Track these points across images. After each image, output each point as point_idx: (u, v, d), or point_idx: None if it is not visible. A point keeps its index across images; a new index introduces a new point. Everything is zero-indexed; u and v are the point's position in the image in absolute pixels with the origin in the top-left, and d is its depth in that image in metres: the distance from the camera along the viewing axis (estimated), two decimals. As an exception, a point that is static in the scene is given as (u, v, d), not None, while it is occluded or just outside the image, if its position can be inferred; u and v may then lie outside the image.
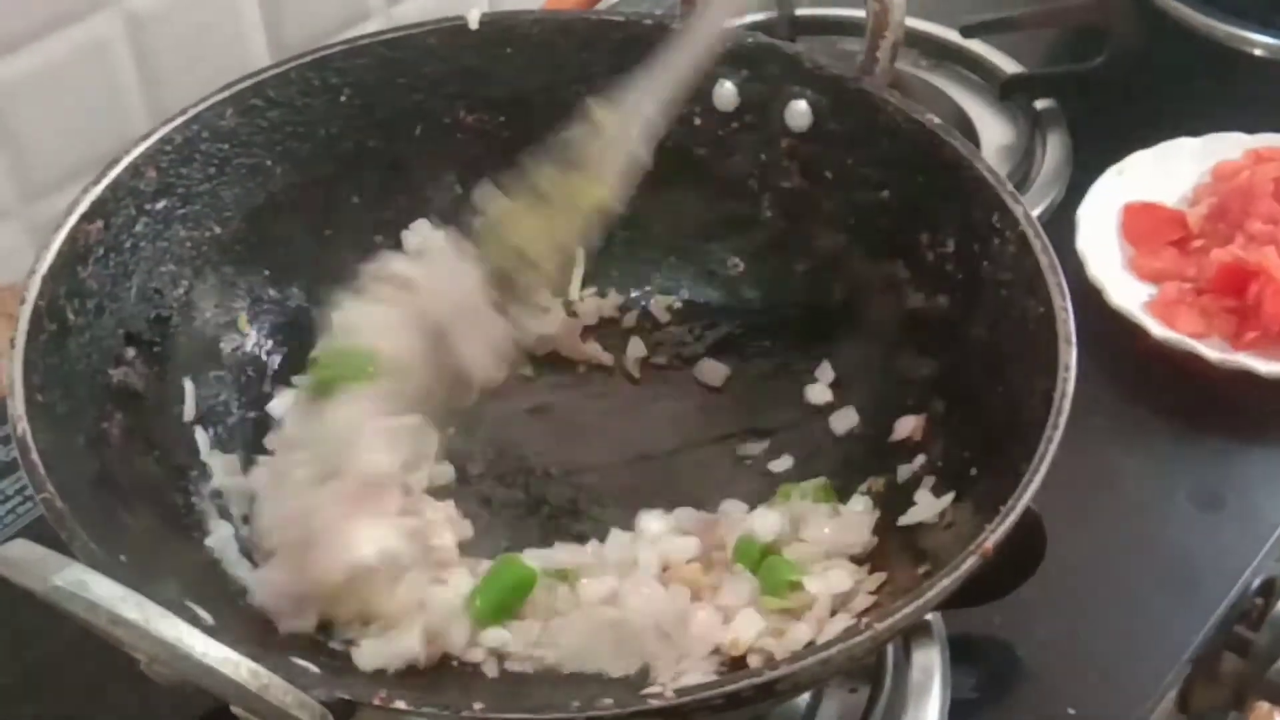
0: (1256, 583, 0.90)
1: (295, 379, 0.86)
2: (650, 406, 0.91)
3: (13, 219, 0.98)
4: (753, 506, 0.82)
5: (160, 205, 0.81)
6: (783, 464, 0.86)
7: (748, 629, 0.74)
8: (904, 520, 0.78)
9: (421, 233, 0.91)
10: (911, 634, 0.82)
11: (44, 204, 0.97)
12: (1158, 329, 1.00)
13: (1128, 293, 1.03)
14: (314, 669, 0.64)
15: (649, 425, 0.90)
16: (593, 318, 0.94)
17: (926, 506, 0.77)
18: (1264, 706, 0.99)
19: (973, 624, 0.83)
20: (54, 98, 0.97)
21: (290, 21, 1.07)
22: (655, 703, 0.58)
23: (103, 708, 0.81)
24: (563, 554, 0.80)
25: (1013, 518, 0.65)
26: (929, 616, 0.82)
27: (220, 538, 0.78)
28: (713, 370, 0.92)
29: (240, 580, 0.77)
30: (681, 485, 0.85)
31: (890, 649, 0.81)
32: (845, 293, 0.88)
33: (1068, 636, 0.86)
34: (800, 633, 0.74)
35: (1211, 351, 0.98)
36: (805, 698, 0.80)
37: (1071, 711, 0.82)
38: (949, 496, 0.76)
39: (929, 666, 0.81)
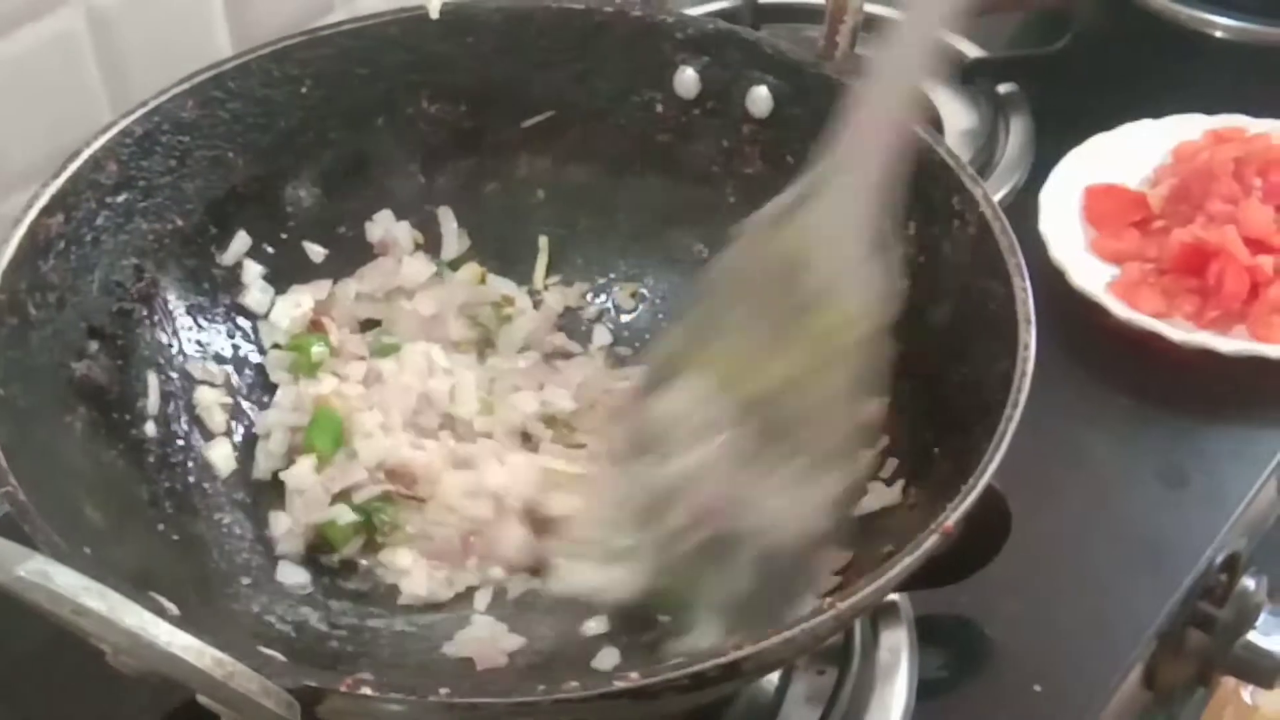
0: (1220, 559, 0.91)
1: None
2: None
3: (-23, 215, 0.97)
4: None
5: (121, 198, 0.81)
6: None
7: None
8: (858, 510, 0.78)
9: (384, 224, 0.92)
10: (879, 615, 0.82)
11: (8, 200, 0.96)
12: (1120, 310, 1.00)
13: (1090, 274, 1.03)
14: (280, 656, 0.64)
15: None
16: (558, 307, 0.94)
17: (877, 497, 0.78)
18: (1229, 682, 0.99)
19: (940, 604, 0.84)
20: (18, 93, 0.96)
21: (254, 14, 1.07)
22: (621, 684, 0.59)
23: (75, 707, 0.81)
24: None
25: (973, 496, 0.66)
26: (896, 597, 0.83)
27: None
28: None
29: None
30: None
31: (858, 630, 0.82)
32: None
33: (1034, 615, 0.86)
34: None
35: (1174, 331, 0.99)
36: (774, 680, 0.80)
37: (1038, 688, 0.83)
38: (899, 485, 0.77)
39: (896, 647, 0.82)
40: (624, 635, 0.77)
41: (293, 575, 0.81)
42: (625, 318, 0.94)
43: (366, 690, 0.58)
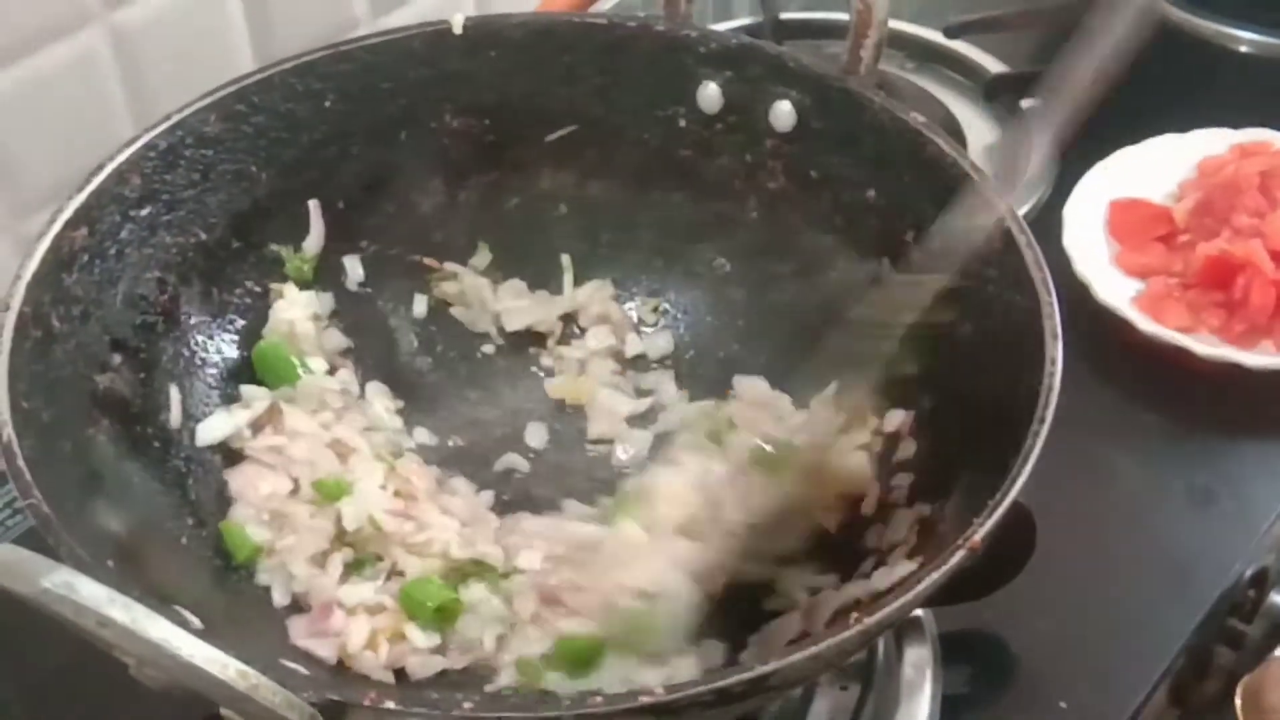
0: (1248, 574, 0.90)
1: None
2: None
3: (1, 234, 0.97)
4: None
5: (145, 211, 0.81)
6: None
7: None
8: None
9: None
10: (903, 631, 0.82)
11: (32, 219, 0.97)
12: (1146, 324, 1.00)
13: (1115, 289, 1.03)
14: (302, 670, 0.64)
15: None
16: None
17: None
18: (1257, 700, 0.99)
19: (965, 620, 0.83)
20: (42, 112, 0.96)
21: (277, 34, 1.07)
22: (646, 699, 0.58)
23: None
24: None
25: (1000, 511, 0.65)
26: (920, 613, 0.83)
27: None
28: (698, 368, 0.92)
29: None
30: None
31: (881, 646, 0.81)
32: (832, 292, 0.88)
33: (1059, 631, 0.86)
34: None
35: (1200, 345, 0.98)
36: (797, 695, 0.80)
37: (1063, 705, 0.82)
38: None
39: (921, 663, 0.81)
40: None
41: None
42: (646, 330, 0.94)
43: (390, 704, 0.58)
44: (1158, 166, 1.12)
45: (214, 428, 0.83)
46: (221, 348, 0.86)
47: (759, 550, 0.78)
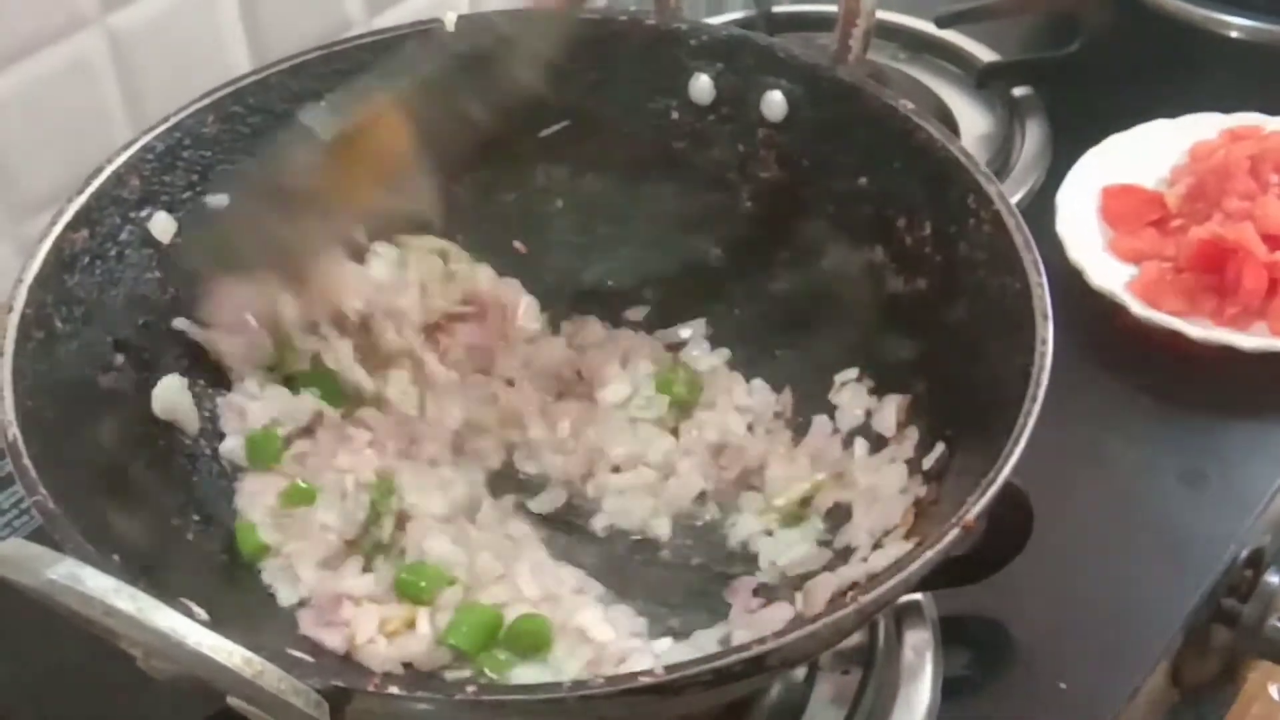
0: (1244, 555, 0.90)
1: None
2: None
3: (1, 238, 0.98)
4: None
5: (145, 213, 0.82)
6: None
7: None
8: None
9: None
10: (903, 615, 0.83)
11: (31, 223, 0.98)
12: (1139, 308, 1.01)
13: (1108, 273, 1.04)
14: (308, 659, 0.65)
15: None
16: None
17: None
18: (1257, 679, 0.99)
19: (963, 603, 0.84)
20: (39, 117, 0.97)
21: (272, 36, 1.08)
22: (646, 679, 0.59)
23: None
24: None
25: (994, 490, 0.65)
26: (920, 598, 0.83)
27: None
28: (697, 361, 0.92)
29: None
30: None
31: (882, 631, 0.82)
32: (826, 280, 0.89)
33: (1057, 613, 0.86)
34: None
35: (1193, 329, 0.99)
36: (800, 681, 0.81)
37: (1063, 686, 0.83)
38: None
39: (921, 646, 0.82)
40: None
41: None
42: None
43: (394, 689, 0.58)
44: (1150, 152, 1.13)
45: (234, 446, 0.84)
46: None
47: None
